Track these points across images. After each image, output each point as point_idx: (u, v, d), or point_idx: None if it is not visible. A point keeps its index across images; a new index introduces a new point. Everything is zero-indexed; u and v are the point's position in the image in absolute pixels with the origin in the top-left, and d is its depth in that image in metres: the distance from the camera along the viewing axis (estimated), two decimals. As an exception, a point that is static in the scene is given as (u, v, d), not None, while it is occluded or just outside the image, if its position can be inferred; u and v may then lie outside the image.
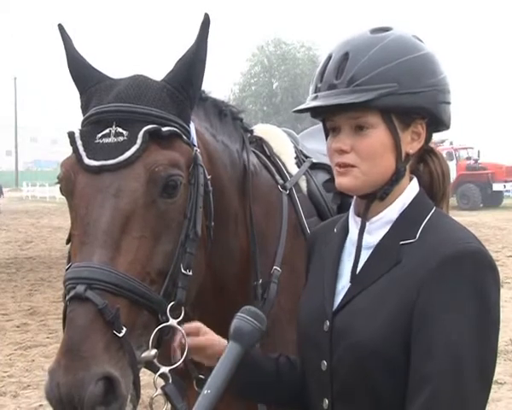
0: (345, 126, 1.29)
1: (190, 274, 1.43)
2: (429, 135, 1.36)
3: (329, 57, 1.33)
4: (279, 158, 2.25)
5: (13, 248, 14.45)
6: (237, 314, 1.29)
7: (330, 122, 1.33)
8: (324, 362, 1.30)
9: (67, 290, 1.29)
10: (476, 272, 1.15)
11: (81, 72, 1.56)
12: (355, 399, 1.25)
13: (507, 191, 24.77)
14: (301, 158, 2.38)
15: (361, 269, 1.30)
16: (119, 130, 1.41)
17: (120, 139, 1.40)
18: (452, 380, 1.10)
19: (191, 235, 1.44)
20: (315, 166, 2.41)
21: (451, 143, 24.87)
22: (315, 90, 1.34)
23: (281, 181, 2.13)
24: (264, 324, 1.29)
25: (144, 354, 1.34)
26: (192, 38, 1.54)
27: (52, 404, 1.21)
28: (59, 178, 1.46)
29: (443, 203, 1.38)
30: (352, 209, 1.40)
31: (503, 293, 1.23)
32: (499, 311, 1.17)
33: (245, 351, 1.24)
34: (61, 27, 1.60)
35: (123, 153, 1.37)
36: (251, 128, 2.18)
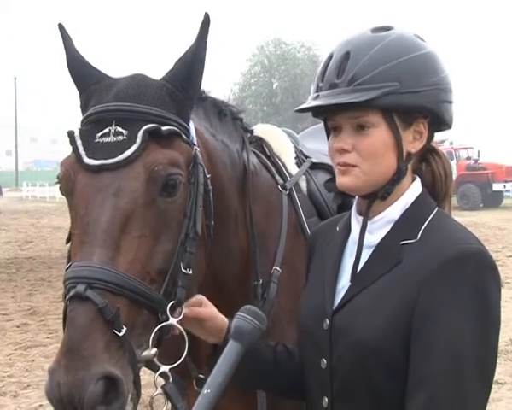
0: (346, 126, 1.29)
1: (190, 273, 1.43)
2: (431, 134, 1.35)
3: (330, 57, 1.33)
4: (279, 158, 2.25)
5: (13, 248, 14.44)
6: (237, 314, 1.29)
7: (331, 122, 1.33)
8: (324, 360, 1.30)
9: (67, 290, 1.29)
10: (477, 273, 1.15)
11: (81, 71, 1.56)
12: (355, 398, 1.25)
13: (507, 191, 24.75)
14: (301, 158, 2.37)
15: (362, 268, 1.30)
16: (119, 129, 1.40)
17: (120, 138, 1.39)
18: (452, 380, 1.10)
19: (191, 234, 1.44)
20: (315, 166, 2.41)
21: (451, 143, 24.85)
22: (316, 89, 1.34)
23: (281, 181, 2.13)
24: (264, 323, 1.29)
25: (144, 354, 1.34)
26: (192, 38, 1.54)
27: (52, 404, 1.20)
28: (59, 177, 1.46)
29: (445, 203, 1.38)
30: (355, 208, 1.40)
31: (504, 293, 1.24)
32: (500, 311, 1.17)
33: (245, 350, 1.24)
34: (62, 27, 1.59)
35: (122, 152, 1.37)
36: (251, 128, 2.18)
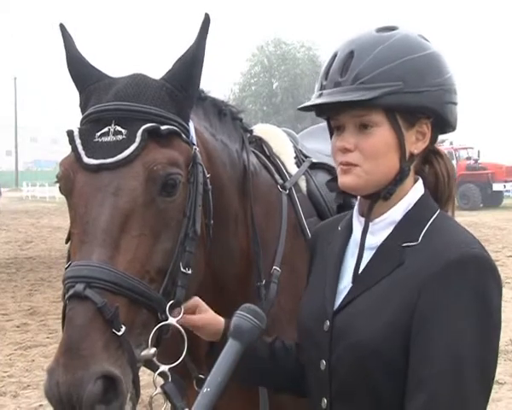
0: (349, 125, 1.28)
1: (190, 273, 1.43)
2: (435, 135, 1.34)
3: (335, 55, 1.33)
4: (278, 158, 2.24)
5: (13, 248, 14.42)
6: (237, 312, 1.29)
7: (335, 121, 1.33)
8: (323, 361, 1.30)
9: (67, 289, 1.29)
10: (479, 276, 1.15)
11: (80, 70, 1.56)
12: (354, 399, 1.25)
13: (507, 191, 24.74)
14: (301, 158, 2.37)
15: (363, 270, 1.29)
16: (118, 128, 1.40)
17: (119, 138, 1.39)
18: (452, 380, 1.10)
19: (190, 233, 1.44)
20: (314, 165, 2.40)
21: (451, 143, 24.81)
22: (320, 87, 1.34)
23: (280, 181, 2.13)
24: (263, 322, 1.29)
25: (143, 353, 1.34)
26: (192, 38, 1.54)
27: (51, 403, 1.20)
28: (58, 176, 1.46)
29: (448, 205, 1.37)
30: (357, 209, 1.39)
31: (504, 293, 1.23)
32: (500, 316, 1.17)
33: (244, 349, 1.24)
34: (63, 27, 1.59)
35: (122, 151, 1.37)
36: (250, 128, 2.17)
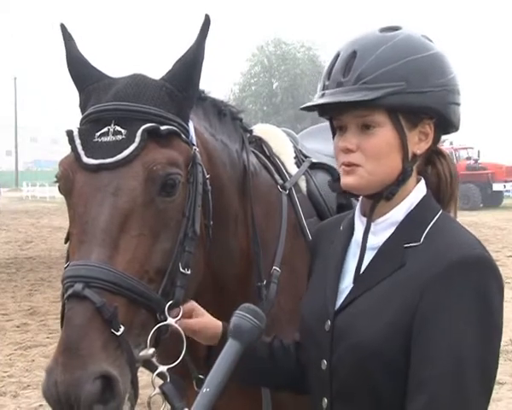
0: (351, 125, 1.28)
1: (189, 273, 1.43)
2: (438, 136, 1.34)
3: (337, 55, 1.33)
4: (278, 158, 2.24)
5: (13, 248, 14.41)
6: (236, 312, 1.28)
7: (337, 121, 1.32)
8: (324, 361, 1.30)
9: (65, 289, 1.29)
10: (480, 278, 1.15)
11: (80, 70, 1.56)
12: (354, 399, 1.25)
13: (507, 191, 24.75)
14: (301, 158, 2.37)
15: (364, 270, 1.29)
16: (118, 128, 1.40)
17: (119, 138, 1.40)
18: (453, 381, 1.10)
19: (190, 234, 1.44)
20: (314, 165, 2.40)
21: (451, 143, 24.81)
22: (322, 87, 1.34)
23: (280, 181, 2.12)
24: (263, 322, 1.29)
25: (142, 353, 1.34)
26: (192, 39, 1.54)
27: (49, 403, 1.20)
28: (57, 176, 1.46)
29: (450, 205, 1.37)
30: (359, 209, 1.39)
31: (504, 293, 1.23)
32: (502, 318, 1.17)
33: (244, 349, 1.24)
34: (63, 27, 1.59)
35: (121, 151, 1.37)
36: (250, 128, 2.17)
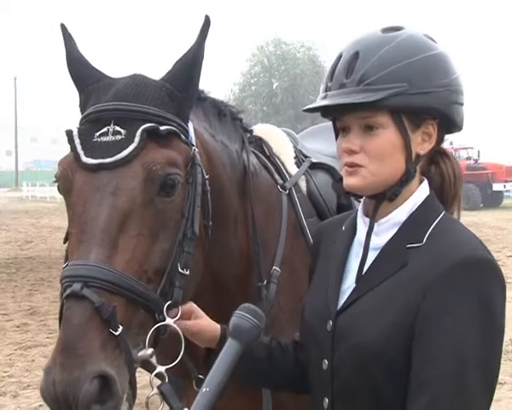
0: (354, 126, 1.27)
1: (187, 273, 1.43)
2: (441, 136, 1.34)
3: (340, 56, 1.32)
4: (278, 158, 2.24)
5: (13, 248, 14.41)
6: (236, 312, 1.28)
7: (340, 122, 1.32)
8: (325, 361, 1.30)
9: (64, 288, 1.29)
10: (483, 279, 1.15)
11: (80, 70, 1.56)
12: (355, 399, 1.25)
13: (507, 191, 24.76)
14: (301, 158, 2.37)
15: (367, 270, 1.29)
16: (117, 128, 1.41)
17: (118, 138, 1.39)
18: (456, 381, 1.10)
19: (189, 234, 1.44)
20: (314, 165, 2.40)
21: (451, 143, 24.77)
22: (325, 89, 1.33)
23: (280, 181, 2.12)
24: (263, 321, 1.28)
25: (141, 353, 1.34)
26: (192, 39, 1.54)
27: (47, 402, 1.21)
28: (56, 176, 1.46)
29: (454, 205, 1.36)
30: (361, 209, 1.38)
31: (505, 293, 1.23)
32: (504, 319, 1.17)
33: (244, 349, 1.24)
34: (64, 27, 1.60)
35: (121, 151, 1.37)
36: (250, 128, 2.17)
